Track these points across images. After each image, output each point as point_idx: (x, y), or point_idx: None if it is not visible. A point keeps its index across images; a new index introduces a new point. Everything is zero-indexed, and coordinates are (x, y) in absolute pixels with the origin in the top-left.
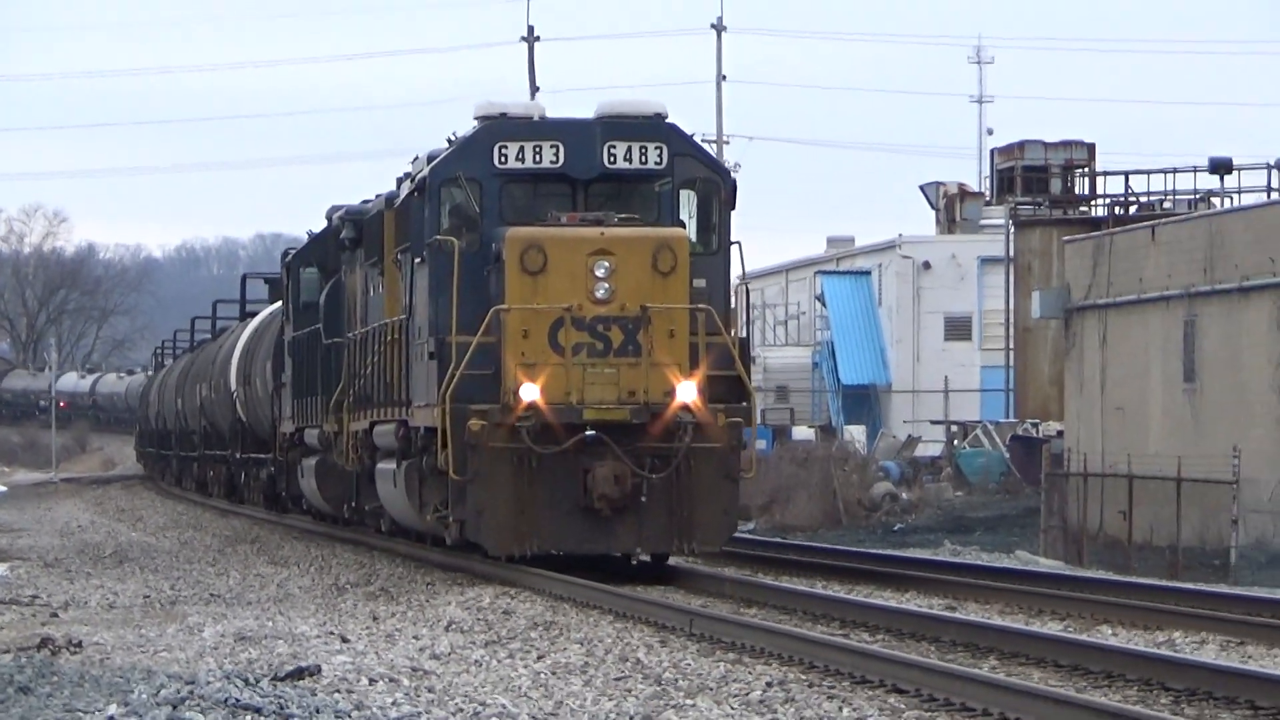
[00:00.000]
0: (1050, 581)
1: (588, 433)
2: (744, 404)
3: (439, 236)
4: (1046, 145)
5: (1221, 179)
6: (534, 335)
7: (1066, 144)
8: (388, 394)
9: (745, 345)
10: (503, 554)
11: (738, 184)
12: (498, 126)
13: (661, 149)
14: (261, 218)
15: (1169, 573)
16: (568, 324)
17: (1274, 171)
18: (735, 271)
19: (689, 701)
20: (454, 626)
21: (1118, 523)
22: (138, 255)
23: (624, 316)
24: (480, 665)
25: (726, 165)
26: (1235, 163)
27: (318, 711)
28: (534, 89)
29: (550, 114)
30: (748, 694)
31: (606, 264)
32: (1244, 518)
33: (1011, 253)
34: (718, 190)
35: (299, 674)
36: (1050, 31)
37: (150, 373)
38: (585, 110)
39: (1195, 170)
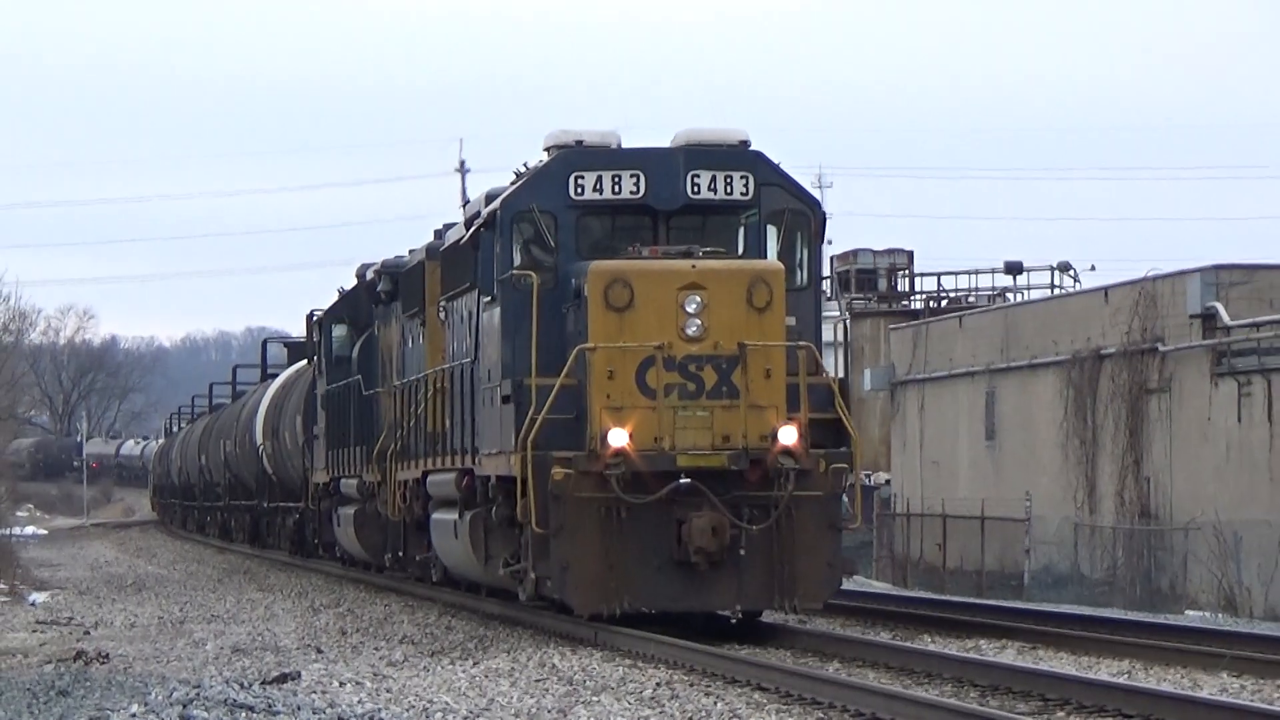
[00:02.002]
0: (882, 600)
1: (682, 480)
2: (845, 449)
3: (515, 271)
4: (875, 252)
5: (1014, 278)
6: (620, 376)
7: (891, 251)
8: (445, 442)
9: (845, 385)
10: (589, 613)
11: (827, 216)
12: (573, 155)
13: (748, 178)
14: (249, 314)
15: (976, 592)
16: (658, 363)
17: (1056, 272)
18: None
19: (595, 698)
20: (406, 640)
21: (934, 552)
22: (151, 345)
23: (717, 355)
24: (427, 670)
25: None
26: (1025, 265)
27: (299, 709)
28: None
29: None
30: (642, 692)
31: (698, 299)
32: (1035, 548)
33: (849, 338)
34: (807, 222)
35: (283, 679)
36: (877, 162)
37: (163, 439)
38: None
39: (994, 271)
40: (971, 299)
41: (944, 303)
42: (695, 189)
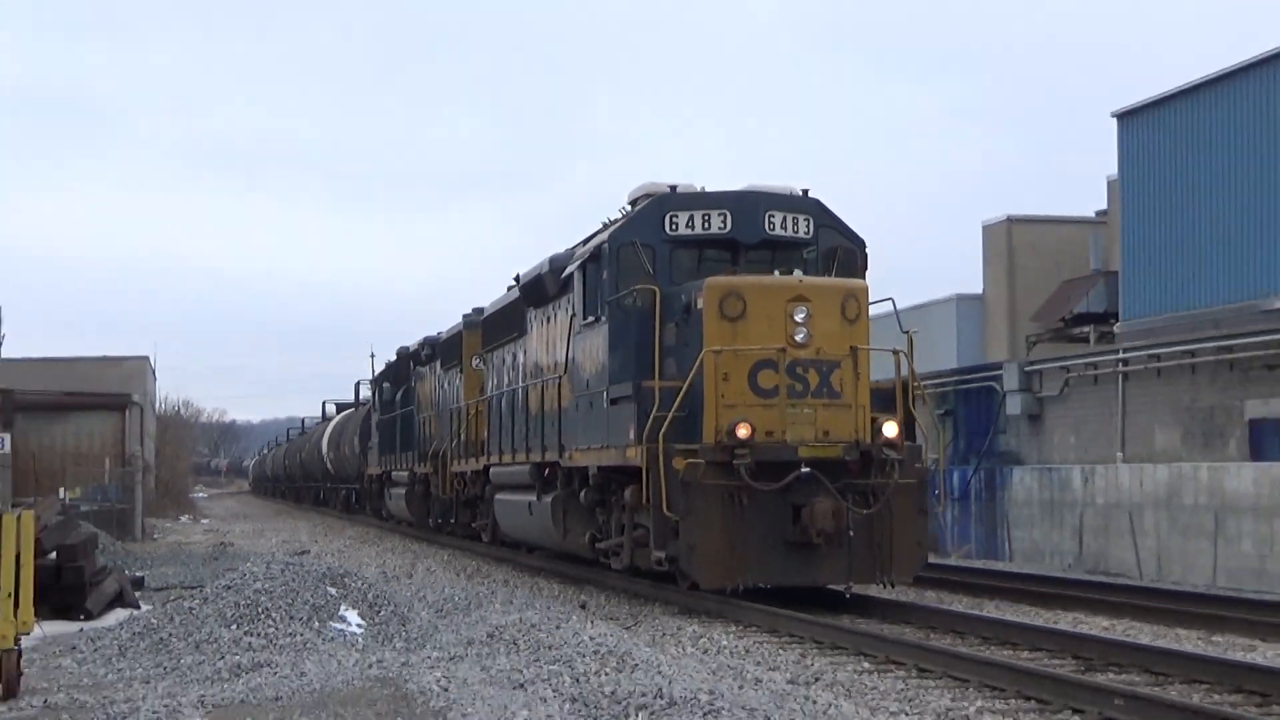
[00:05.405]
0: None
1: (803, 470)
2: (918, 443)
3: (638, 287)
4: None
5: None
6: (734, 378)
7: None
8: (509, 442)
9: (914, 389)
10: (713, 587)
11: (869, 255)
12: (667, 199)
13: (810, 220)
14: (280, 408)
15: None
16: (780, 365)
17: None
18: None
19: (428, 561)
20: (354, 536)
21: None
22: (246, 421)
23: (819, 360)
24: (363, 549)
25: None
26: None
27: (313, 565)
28: None
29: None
30: (461, 566)
31: (805, 309)
32: None
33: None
34: (855, 257)
35: (303, 552)
36: None
37: (256, 457)
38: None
39: None
40: None
41: None
42: (771, 226)
